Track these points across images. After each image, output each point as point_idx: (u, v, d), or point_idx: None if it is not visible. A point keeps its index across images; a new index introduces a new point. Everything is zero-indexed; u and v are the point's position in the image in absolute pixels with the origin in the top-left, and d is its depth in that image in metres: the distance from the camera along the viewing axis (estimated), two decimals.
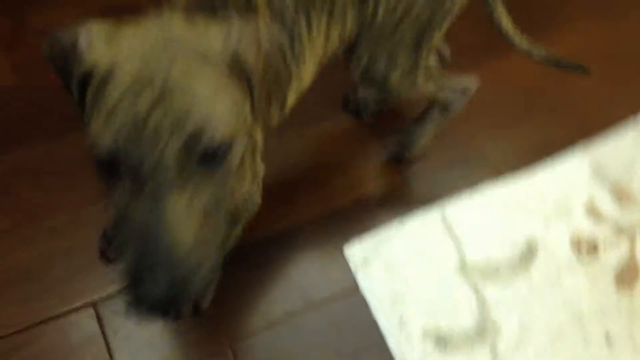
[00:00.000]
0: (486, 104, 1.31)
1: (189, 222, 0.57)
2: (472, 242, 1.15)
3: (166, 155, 0.57)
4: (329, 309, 1.10)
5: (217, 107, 0.59)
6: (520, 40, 1.07)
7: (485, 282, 1.12)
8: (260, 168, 0.93)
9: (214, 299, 1.09)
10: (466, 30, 1.37)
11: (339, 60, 1.01)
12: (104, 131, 0.58)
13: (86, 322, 1.06)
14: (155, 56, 0.59)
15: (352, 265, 1.13)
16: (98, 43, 0.62)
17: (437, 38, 0.99)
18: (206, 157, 0.59)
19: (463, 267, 1.13)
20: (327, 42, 0.91)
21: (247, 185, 0.87)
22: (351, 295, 1.11)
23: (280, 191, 1.19)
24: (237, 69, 0.62)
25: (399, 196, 1.20)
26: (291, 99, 0.91)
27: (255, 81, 0.64)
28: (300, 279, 1.12)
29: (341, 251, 1.14)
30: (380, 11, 0.93)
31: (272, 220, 1.17)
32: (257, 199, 0.94)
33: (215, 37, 0.62)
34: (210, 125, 0.58)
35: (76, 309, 1.07)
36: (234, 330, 1.07)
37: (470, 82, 1.16)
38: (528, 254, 1.15)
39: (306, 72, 0.90)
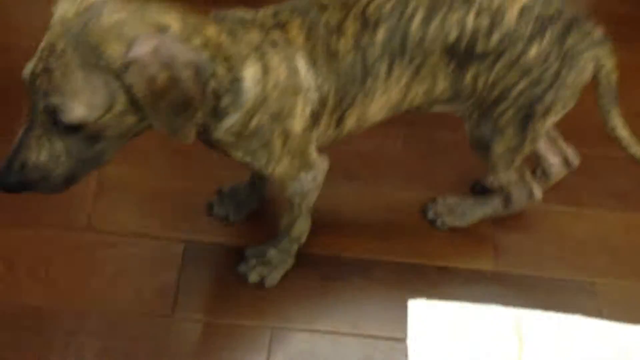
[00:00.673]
0: (621, 251, 1.25)
1: (40, 151, 0.81)
2: (537, 355, 1.10)
3: (36, 108, 0.79)
4: (370, 344, 1.11)
5: (80, 98, 0.77)
6: (633, 144, 1.05)
7: None
8: (316, 160, 1.01)
9: (277, 287, 1.16)
10: (619, 173, 1.35)
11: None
12: (26, 65, 0.81)
13: (174, 248, 1.21)
14: (69, 32, 0.77)
15: (409, 317, 1.13)
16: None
17: (543, 128, 1.02)
18: (62, 125, 0.79)
19: None
20: (406, 93, 0.99)
21: (286, 168, 0.98)
22: (396, 343, 1.11)
23: (381, 227, 1.25)
24: (122, 79, 0.77)
25: (485, 285, 1.19)
26: (349, 122, 1.00)
27: (142, 97, 0.77)
28: (358, 306, 1.15)
29: (405, 302, 1.16)
30: (479, 84, 0.99)
31: (361, 248, 1.22)
32: (308, 185, 1.03)
33: (120, 44, 0.77)
34: (66, 107, 0.77)
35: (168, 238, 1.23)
36: (280, 317, 1.14)
37: (538, 191, 1.17)
38: None
39: (373, 107, 0.99)
